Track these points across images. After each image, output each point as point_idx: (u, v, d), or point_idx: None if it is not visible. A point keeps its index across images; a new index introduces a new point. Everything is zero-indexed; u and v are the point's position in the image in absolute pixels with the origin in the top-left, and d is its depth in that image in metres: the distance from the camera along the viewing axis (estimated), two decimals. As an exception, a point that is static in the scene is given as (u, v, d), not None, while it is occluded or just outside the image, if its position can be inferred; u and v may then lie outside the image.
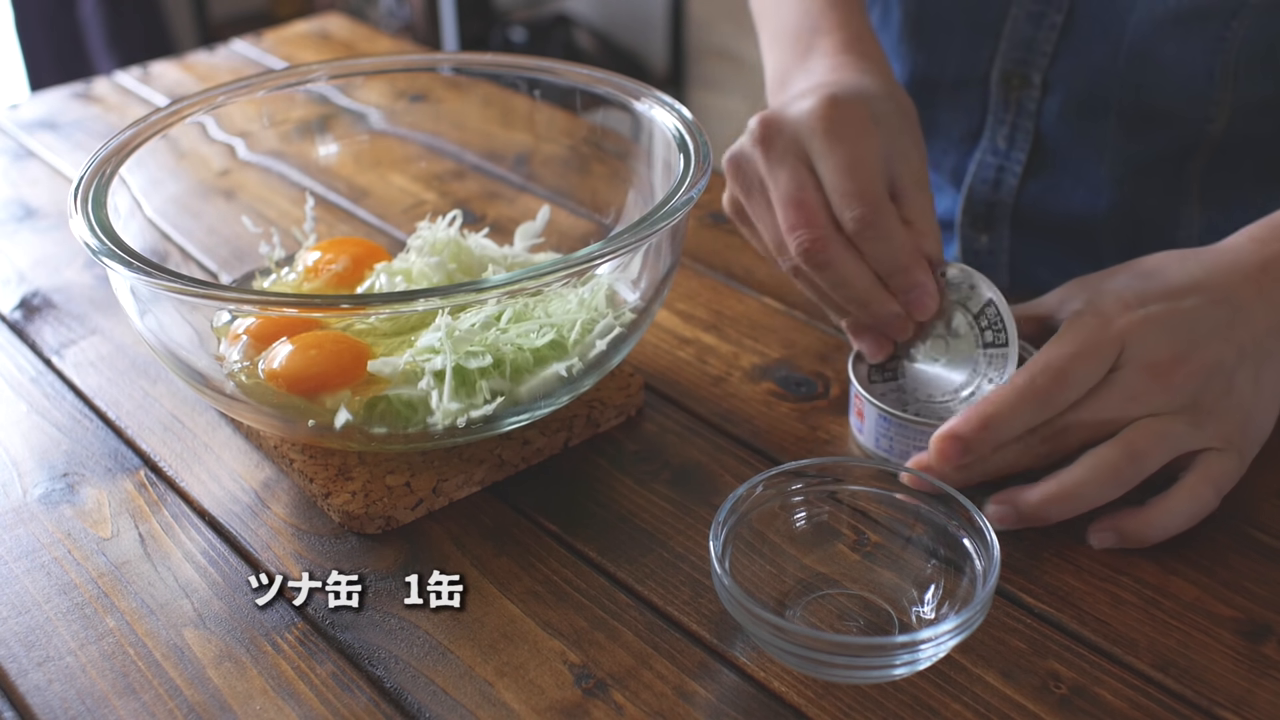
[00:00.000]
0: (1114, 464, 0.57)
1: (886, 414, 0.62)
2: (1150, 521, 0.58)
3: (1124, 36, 0.76)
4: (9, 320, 0.78)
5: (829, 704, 0.51)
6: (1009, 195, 0.85)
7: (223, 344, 0.64)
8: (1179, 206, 0.80)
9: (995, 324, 0.62)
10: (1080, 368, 0.58)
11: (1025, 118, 0.82)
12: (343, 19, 1.27)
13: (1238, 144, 0.77)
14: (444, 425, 0.59)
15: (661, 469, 0.64)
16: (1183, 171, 0.79)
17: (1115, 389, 0.58)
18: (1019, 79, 0.81)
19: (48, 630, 0.56)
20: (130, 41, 2.55)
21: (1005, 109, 0.83)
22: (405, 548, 0.60)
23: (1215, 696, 0.52)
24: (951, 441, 0.58)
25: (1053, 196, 0.84)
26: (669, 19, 2.80)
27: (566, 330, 0.62)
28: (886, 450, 0.63)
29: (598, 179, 0.78)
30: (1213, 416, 0.58)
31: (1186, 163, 0.79)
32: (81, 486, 0.64)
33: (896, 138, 0.64)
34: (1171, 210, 0.81)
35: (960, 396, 0.63)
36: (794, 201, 0.62)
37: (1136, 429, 0.57)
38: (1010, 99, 0.82)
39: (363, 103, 0.82)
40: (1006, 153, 0.84)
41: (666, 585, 0.57)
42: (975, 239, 0.88)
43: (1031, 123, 0.82)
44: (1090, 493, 0.57)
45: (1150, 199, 0.81)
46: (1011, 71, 0.81)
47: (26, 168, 0.97)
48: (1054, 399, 0.57)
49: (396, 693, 0.52)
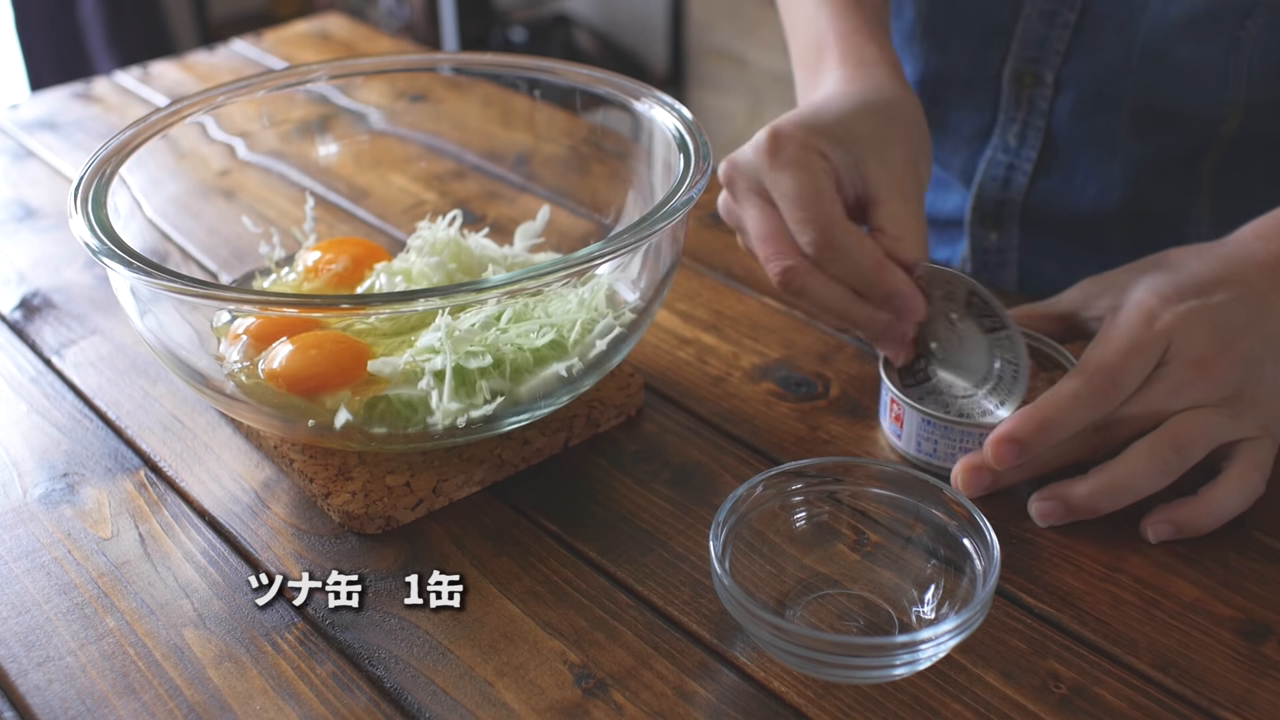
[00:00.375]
0: (1162, 456, 0.58)
1: (930, 417, 0.62)
2: (1205, 511, 0.59)
3: (1137, 35, 0.76)
4: (9, 320, 0.78)
5: (829, 704, 0.51)
6: (1019, 193, 0.85)
7: (223, 344, 0.64)
8: (1189, 205, 0.81)
9: (986, 310, 0.62)
10: (1132, 365, 0.59)
11: (1037, 116, 0.82)
12: (343, 19, 1.27)
13: (1249, 142, 0.77)
14: (444, 425, 0.59)
15: (661, 469, 0.64)
16: (1194, 170, 0.79)
17: (1163, 383, 0.59)
18: (1031, 77, 0.81)
19: (48, 630, 0.56)
20: (130, 41, 2.55)
21: (1016, 107, 0.83)
22: (405, 548, 0.60)
23: (1215, 696, 0.52)
24: (1009, 445, 0.59)
25: (1063, 195, 0.84)
26: (669, 19, 2.80)
27: (566, 330, 0.62)
28: (930, 455, 0.63)
29: (598, 179, 0.78)
30: (1250, 406, 0.60)
31: (1198, 162, 0.79)
32: (81, 486, 0.64)
33: (870, 148, 0.64)
34: (1182, 208, 0.81)
35: (986, 387, 0.63)
36: (761, 237, 0.63)
37: (1180, 421, 0.59)
38: (1022, 97, 0.83)
39: (363, 103, 0.82)
40: (1017, 150, 0.84)
41: (666, 585, 0.57)
42: (985, 236, 0.89)
43: (1043, 121, 0.82)
44: (1139, 484, 0.59)
45: (1161, 196, 0.81)
46: (1024, 70, 0.82)
47: (26, 168, 0.97)
48: (1110, 397, 0.59)
49: (396, 693, 0.52)
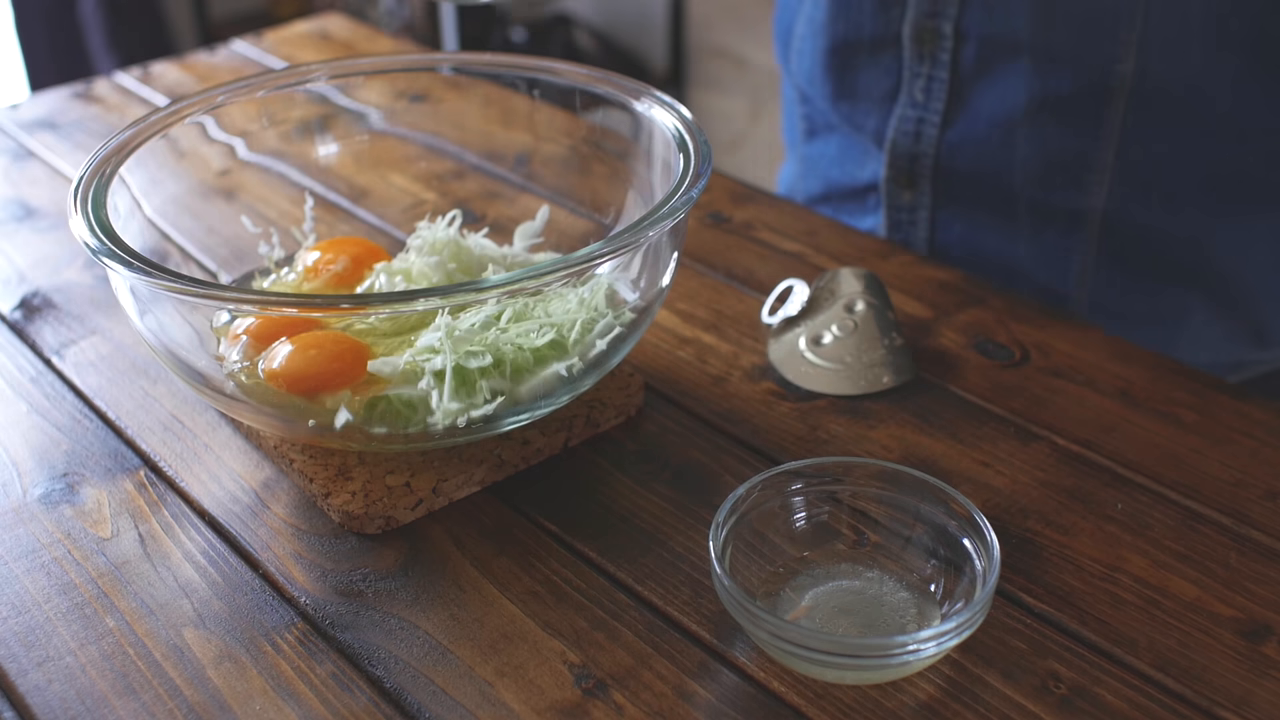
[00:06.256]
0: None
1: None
2: None
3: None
4: (9, 320, 0.78)
5: (829, 704, 0.51)
6: (930, 146, 0.88)
7: (223, 344, 0.64)
8: (1092, 150, 0.82)
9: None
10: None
11: (940, 69, 0.86)
12: (343, 19, 1.27)
13: (1153, 89, 0.79)
14: (444, 425, 0.59)
15: (661, 469, 0.64)
16: (1097, 115, 0.81)
17: None
18: (930, 32, 0.85)
19: (48, 630, 0.56)
20: (130, 41, 2.55)
21: (920, 63, 0.86)
22: (405, 548, 0.60)
23: (1215, 696, 0.52)
24: None
25: (971, 146, 0.86)
26: (669, 19, 2.79)
27: (566, 330, 0.62)
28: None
29: (598, 179, 0.78)
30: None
31: (1100, 105, 0.81)
32: (81, 486, 0.64)
33: None
34: (1084, 153, 0.83)
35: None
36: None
37: None
38: (924, 53, 0.86)
39: (363, 103, 0.82)
40: (925, 105, 0.87)
41: (666, 585, 0.57)
42: (899, 196, 0.91)
43: (946, 73, 0.85)
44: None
45: (1065, 141, 0.83)
46: (923, 25, 0.85)
47: (26, 168, 0.97)
48: None
49: (396, 693, 0.52)
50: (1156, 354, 0.72)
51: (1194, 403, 0.68)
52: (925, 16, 0.84)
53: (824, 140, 0.98)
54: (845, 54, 0.90)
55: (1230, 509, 0.61)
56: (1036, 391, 0.70)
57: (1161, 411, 0.68)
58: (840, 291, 0.74)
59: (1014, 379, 0.71)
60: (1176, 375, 0.71)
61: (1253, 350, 0.88)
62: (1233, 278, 0.85)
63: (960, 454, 0.65)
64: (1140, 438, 0.66)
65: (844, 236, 0.85)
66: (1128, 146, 0.82)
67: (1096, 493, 0.62)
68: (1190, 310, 0.86)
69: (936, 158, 0.88)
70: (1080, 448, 0.65)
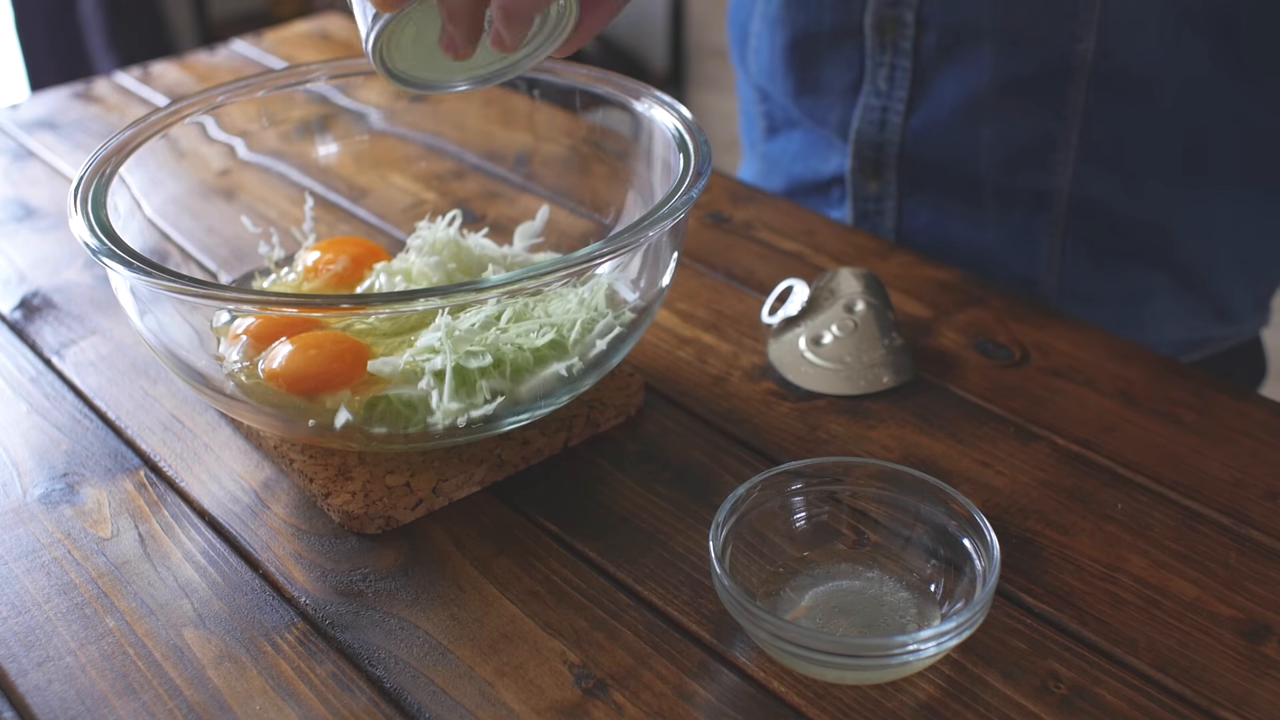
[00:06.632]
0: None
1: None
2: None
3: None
4: (9, 320, 0.78)
5: (829, 704, 0.51)
6: (895, 134, 0.88)
7: (223, 344, 0.64)
8: (1055, 130, 0.83)
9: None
10: None
11: (902, 57, 0.85)
12: (343, 19, 1.27)
13: (1114, 68, 0.79)
14: (444, 425, 0.59)
15: (661, 469, 0.64)
16: (1059, 95, 0.81)
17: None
18: (891, 22, 0.85)
19: (48, 630, 0.56)
20: (130, 41, 2.55)
21: (882, 52, 0.86)
22: (405, 548, 0.60)
23: (1215, 696, 0.52)
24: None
25: (936, 133, 0.86)
26: (669, 19, 2.80)
27: (566, 330, 0.62)
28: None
29: (598, 179, 0.78)
30: None
31: (1062, 85, 0.81)
32: (81, 486, 0.64)
33: None
34: (1048, 134, 0.83)
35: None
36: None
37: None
38: (886, 42, 0.86)
39: (363, 103, 0.82)
40: (888, 93, 0.87)
41: (666, 585, 0.57)
42: (865, 186, 0.91)
43: (909, 61, 0.85)
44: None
45: (1028, 122, 0.83)
46: (884, 15, 0.85)
47: (26, 168, 0.97)
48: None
49: (396, 693, 0.52)
50: (1156, 354, 0.72)
51: (1194, 403, 0.68)
52: (886, 6, 0.84)
53: (786, 137, 0.98)
54: (805, 48, 0.90)
55: (1230, 509, 0.61)
56: (1036, 391, 0.70)
57: (1161, 411, 0.68)
58: (840, 291, 0.74)
59: (1014, 379, 0.71)
60: (1176, 375, 0.71)
61: (1217, 327, 0.89)
62: (1196, 255, 0.85)
63: (960, 454, 0.65)
64: (1140, 438, 0.66)
65: (844, 236, 0.85)
66: (1090, 126, 0.82)
67: (1096, 493, 0.62)
68: (1154, 289, 0.86)
69: (901, 146, 0.88)
70: (1080, 448, 0.65)
